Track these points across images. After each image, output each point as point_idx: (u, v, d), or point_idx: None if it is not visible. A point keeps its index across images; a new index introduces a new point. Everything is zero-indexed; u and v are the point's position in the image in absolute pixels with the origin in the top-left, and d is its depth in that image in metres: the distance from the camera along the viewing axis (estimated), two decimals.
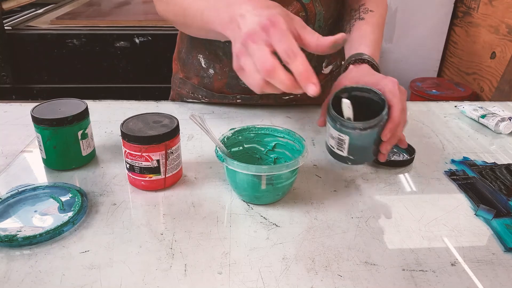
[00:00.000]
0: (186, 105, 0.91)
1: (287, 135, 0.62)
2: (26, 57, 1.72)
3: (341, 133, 0.58)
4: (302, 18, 0.76)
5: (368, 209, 0.58)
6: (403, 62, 2.38)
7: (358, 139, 0.58)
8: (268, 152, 0.65)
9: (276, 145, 0.64)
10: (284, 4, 0.72)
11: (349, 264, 0.49)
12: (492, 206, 0.59)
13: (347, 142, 0.59)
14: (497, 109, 0.88)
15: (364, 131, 0.57)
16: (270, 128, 0.63)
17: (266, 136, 0.64)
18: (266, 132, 0.64)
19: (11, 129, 0.79)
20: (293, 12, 0.74)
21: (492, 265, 0.49)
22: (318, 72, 0.88)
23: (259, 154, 0.65)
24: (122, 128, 0.59)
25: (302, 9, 0.75)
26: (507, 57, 1.90)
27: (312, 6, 0.75)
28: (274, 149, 0.64)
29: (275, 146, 0.64)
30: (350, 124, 0.57)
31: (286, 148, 0.63)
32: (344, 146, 0.59)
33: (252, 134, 0.64)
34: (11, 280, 0.46)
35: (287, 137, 0.62)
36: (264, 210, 0.58)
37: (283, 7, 0.72)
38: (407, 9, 2.24)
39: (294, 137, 0.61)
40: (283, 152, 0.64)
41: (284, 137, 0.63)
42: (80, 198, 0.57)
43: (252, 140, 0.64)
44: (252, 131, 0.64)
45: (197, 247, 0.51)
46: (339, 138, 0.59)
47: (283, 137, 0.63)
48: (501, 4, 1.96)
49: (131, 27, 1.75)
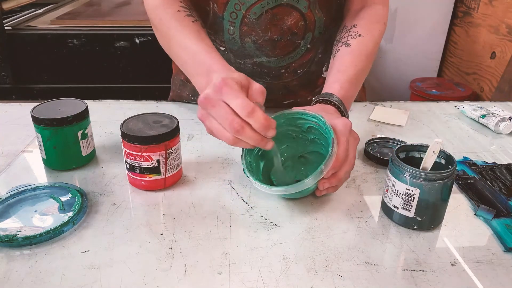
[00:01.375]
0: (186, 105, 0.91)
1: (318, 120, 0.59)
2: (26, 57, 1.72)
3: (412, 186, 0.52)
4: (301, 27, 0.75)
5: (368, 209, 0.58)
6: (403, 62, 2.38)
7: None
8: (303, 132, 0.63)
9: (310, 128, 0.62)
10: (284, 15, 0.73)
11: (349, 264, 0.49)
12: (492, 206, 0.59)
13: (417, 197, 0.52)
14: (497, 109, 0.88)
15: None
16: (301, 112, 0.61)
17: (298, 120, 0.62)
18: (296, 116, 0.62)
19: (11, 129, 0.79)
20: (292, 22, 0.74)
21: (492, 265, 0.49)
22: (319, 76, 0.87)
23: (294, 133, 0.64)
24: (122, 128, 0.59)
25: (302, 19, 0.74)
26: (507, 57, 1.90)
27: (311, 14, 0.74)
28: (308, 130, 0.62)
29: (309, 128, 0.62)
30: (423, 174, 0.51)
31: (319, 132, 0.60)
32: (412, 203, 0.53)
33: (282, 120, 0.62)
34: (11, 280, 0.46)
35: (319, 122, 0.59)
36: (264, 210, 0.58)
37: (283, 17, 0.73)
38: (407, 9, 2.24)
39: (325, 125, 0.57)
40: (318, 134, 0.61)
41: (317, 122, 0.60)
42: (80, 198, 0.57)
43: (284, 124, 0.63)
44: (282, 117, 0.62)
45: (197, 247, 0.51)
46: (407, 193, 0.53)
47: (315, 121, 0.60)
48: (501, 4, 1.96)
49: (131, 27, 1.75)
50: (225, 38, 0.77)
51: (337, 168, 0.55)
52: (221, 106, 0.51)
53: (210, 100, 0.52)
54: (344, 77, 0.67)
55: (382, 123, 0.85)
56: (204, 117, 0.54)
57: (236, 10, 0.72)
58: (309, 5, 0.73)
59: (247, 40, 0.76)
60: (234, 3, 0.71)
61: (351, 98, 0.68)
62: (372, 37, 0.72)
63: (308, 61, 0.82)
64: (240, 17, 0.73)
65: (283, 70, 0.82)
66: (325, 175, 0.54)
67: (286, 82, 0.85)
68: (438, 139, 0.52)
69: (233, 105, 0.51)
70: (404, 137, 0.77)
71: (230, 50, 0.79)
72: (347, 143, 0.56)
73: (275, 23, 0.73)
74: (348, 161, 0.57)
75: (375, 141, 0.75)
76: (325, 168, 0.53)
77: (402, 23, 2.28)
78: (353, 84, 0.67)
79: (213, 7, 0.73)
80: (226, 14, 0.73)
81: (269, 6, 0.71)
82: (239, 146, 0.54)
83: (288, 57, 0.79)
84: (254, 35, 0.75)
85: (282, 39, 0.76)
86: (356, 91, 0.70)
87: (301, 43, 0.77)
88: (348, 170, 0.57)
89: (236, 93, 0.51)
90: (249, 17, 0.73)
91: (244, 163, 0.58)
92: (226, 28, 0.75)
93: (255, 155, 0.62)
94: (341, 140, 0.56)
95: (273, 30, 0.74)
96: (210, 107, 0.52)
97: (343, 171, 0.56)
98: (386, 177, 0.55)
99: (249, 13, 0.72)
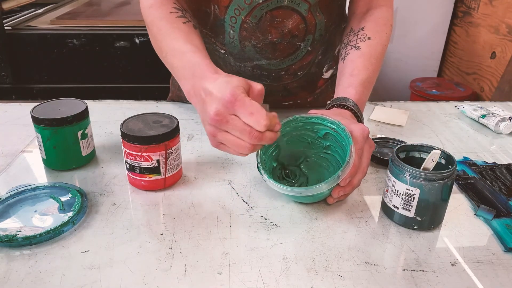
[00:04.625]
0: (186, 105, 0.91)
1: (337, 127, 0.58)
2: (26, 57, 1.72)
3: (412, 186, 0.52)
4: (302, 30, 0.75)
5: (368, 209, 0.58)
6: (403, 62, 2.38)
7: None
8: (319, 138, 0.63)
9: (327, 134, 0.61)
10: (284, 18, 0.72)
11: (349, 264, 0.49)
12: (492, 206, 0.59)
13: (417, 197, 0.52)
14: (497, 109, 0.88)
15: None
16: (320, 117, 0.60)
17: (315, 125, 0.61)
18: (315, 121, 0.61)
19: (11, 129, 0.79)
20: (293, 25, 0.73)
21: (492, 265, 0.49)
22: (319, 77, 0.87)
23: (310, 139, 0.63)
24: (122, 128, 0.58)
25: (302, 21, 0.74)
26: (507, 57, 1.90)
27: (312, 16, 0.74)
28: (325, 136, 0.62)
29: (326, 135, 0.61)
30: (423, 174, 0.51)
31: (336, 139, 0.60)
32: (412, 203, 0.53)
33: (300, 123, 0.62)
34: (11, 280, 0.46)
35: (337, 129, 0.59)
36: (264, 210, 0.58)
37: (283, 20, 0.73)
38: (407, 9, 2.24)
39: (344, 132, 0.57)
40: (335, 141, 0.61)
41: (335, 129, 0.59)
42: (80, 198, 0.57)
43: (302, 128, 0.62)
44: (300, 121, 0.61)
45: (197, 247, 0.51)
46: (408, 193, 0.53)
47: (334, 128, 0.59)
48: (501, 4, 1.96)
49: (131, 27, 1.74)
50: (225, 41, 0.77)
51: (353, 176, 0.55)
52: (236, 120, 0.51)
53: (223, 116, 0.51)
54: (358, 81, 0.67)
55: (382, 123, 0.85)
56: (215, 132, 0.53)
57: (235, 15, 0.72)
58: (310, 8, 0.73)
59: (246, 44, 0.76)
60: (234, 7, 0.71)
61: (364, 102, 0.68)
62: (381, 40, 0.72)
63: (308, 63, 0.82)
64: (239, 22, 0.72)
65: (283, 72, 0.81)
66: (341, 183, 0.54)
67: (286, 84, 0.84)
68: (437, 150, 0.53)
69: (251, 123, 0.50)
70: (404, 137, 0.77)
71: (230, 53, 0.78)
72: (361, 151, 0.56)
73: (275, 26, 0.73)
74: (361, 169, 0.57)
75: (375, 141, 0.75)
76: (342, 174, 0.53)
77: (402, 23, 2.28)
78: (366, 87, 0.68)
79: (214, 10, 0.73)
80: (227, 17, 0.73)
81: (268, 8, 0.71)
82: (255, 151, 0.54)
83: (288, 59, 0.79)
84: (254, 39, 0.75)
85: (282, 42, 0.75)
86: (368, 95, 0.70)
87: (301, 45, 0.77)
88: (361, 178, 0.57)
89: (249, 108, 0.50)
90: (248, 22, 0.72)
91: (259, 161, 0.57)
92: (227, 31, 0.75)
93: (269, 155, 0.61)
94: (356, 148, 0.56)
95: (273, 32, 0.74)
96: (224, 124, 0.51)
97: (356, 178, 0.56)
98: (386, 177, 0.55)
99: (248, 18, 0.72)
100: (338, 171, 0.53)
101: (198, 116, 0.85)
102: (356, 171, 0.56)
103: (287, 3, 0.71)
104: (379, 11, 0.75)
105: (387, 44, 0.74)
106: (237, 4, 0.70)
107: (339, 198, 0.57)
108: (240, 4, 0.70)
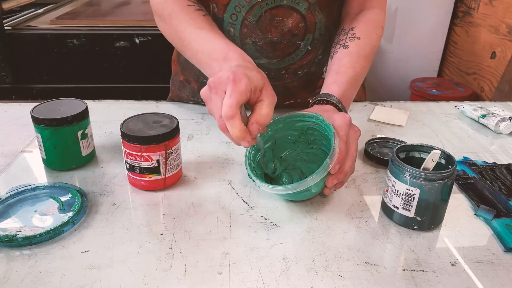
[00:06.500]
0: (186, 105, 0.91)
1: (316, 119, 0.59)
2: (26, 57, 1.72)
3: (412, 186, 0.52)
4: (301, 29, 0.75)
5: (368, 209, 0.58)
6: (403, 62, 2.37)
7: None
8: (302, 135, 0.63)
9: (309, 129, 0.62)
10: (284, 16, 0.73)
11: (349, 264, 0.49)
12: (492, 206, 0.59)
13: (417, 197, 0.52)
14: (497, 109, 0.88)
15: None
16: (298, 114, 0.61)
17: (296, 123, 0.62)
18: (294, 119, 0.62)
19: (11, 129, 0.79)
20: (293, 24, 0.73)
21: (492, 265, 0.49)
22: (319, 77, 0.87)
23: (294, 138, 0.64)
24: (122, 128, 0.58)
25: (302, 20, 0.74)
26: (507, 57, 1.90)
27: (312, 16, 0.74)
28: (307, 132, 0.62)
29: (308, 130, 0.62)
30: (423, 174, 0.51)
31: (319, 132, 0.61)
32: (412, 203, 0.53)
33: (280, 124, 0.62)
34: (11, 280, 0.46)
35: (317, 121, 0.59)
36: (264, 210, 0.58)
37: (283, 19, 0.73)
38: (407, 9, 2.24)
39: (324, 122, 0.58)
40: (318, 135, 0.61)
41: (315, 122, 0.60)
42: (80, 198, 0.57)
43: (283, 128, 0.63)
44: (280, 122, 0.62)
45: (197, 247, 0.51)
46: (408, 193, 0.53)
47: (313, 121, 0.60)
48: (501, 4, 1.96)
49: (131, 27, 1.74)
50: None
51: (342, 163, 0.56)
52: (220, 97, 0.52)
53: (217, 86, 0.53)
54: (343, 78, 0.67)
55: (382, 123, 0.85)
56: (207, 98, 0.55)
57: (236, 12, 0.72)
58: (309, 7, 0.73)
59: (247, 42, 0.76)
60: (234, 5, 0.71)
61: (349, 99, 0.68)
62: (370, 41, 0.72)
63: (308, 63, 0.82)
64: (240, 19, 0.73)
65: (283, 72, 0.81)
66: (332, 170, 0.54)
67: (286, 83, 0.84)
68: (437, 150, 0.53)
69: (223, 102, 0.51)
70: (404, 137, 0.77)
71: None
72: (346, 137, 0.57)
73: (275, 25, 0.73)
74: (350, 155, 0.57)
75: (375, 141, 0.75)
76: (330, 161, 0.53)
77: (402, 23, 2.28)
78: (351, 85, 0.67)
79: (213, 9, 0.73)
80: (226, 15, 0.73)
81: (268, 7, 0.71)
82: (224, 133, 0.55)
83: (288, 58, 0.79)
84: (254, 37, 0.75)
85: (282, 41, 0.76)
86: (354, 93, 0.70)
87: (301, 44, 0.77)
88: (351, 163, 0.57)
89: (235, 93, 0.50)
90: (249, 19, 0.72)
91: (249, 169, 0.58)
92: (227, 29, 0.75)
93: (258, 162, 0.61)
94: (341, 134, 0.56)
95: (273, 31, 0.74)
96: (213, 93, 0.53)
97: (347, 165, 0.56)
98: (386, 177, 0.55)
99: (249, 15, 0.72)
100: (326, 159, 0.53)
101: (198, 116, 0.85)
102: (344, 157, 0.56)
103: (287, 2, 0.71)
104: (371, 12, 0.75)
105: (377, 45, 0.74)
106: (237, 2, 0.71)
107: (336, 187, 0.57)
108: (240, 1, 0.70)
